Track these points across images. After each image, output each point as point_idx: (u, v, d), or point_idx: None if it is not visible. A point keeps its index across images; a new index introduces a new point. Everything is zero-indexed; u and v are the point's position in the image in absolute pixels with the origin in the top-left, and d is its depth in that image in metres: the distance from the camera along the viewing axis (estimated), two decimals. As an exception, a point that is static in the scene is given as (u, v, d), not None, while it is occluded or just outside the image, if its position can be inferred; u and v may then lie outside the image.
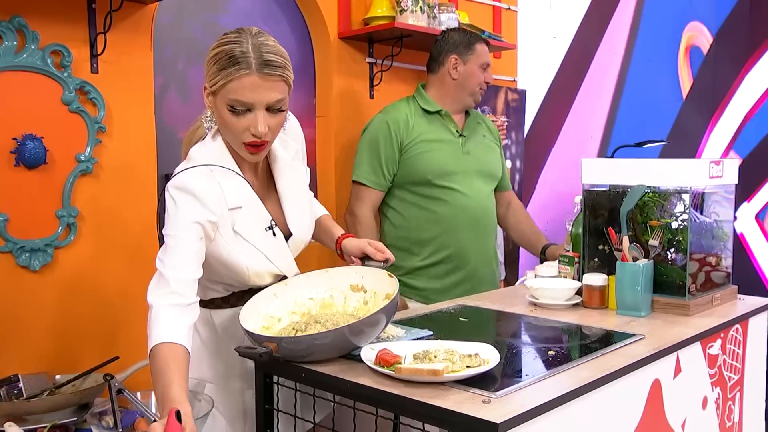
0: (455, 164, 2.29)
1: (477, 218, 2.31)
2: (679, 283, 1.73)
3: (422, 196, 2.28)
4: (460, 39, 2.33)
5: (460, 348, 1.26)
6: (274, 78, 1.31)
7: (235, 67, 1.29)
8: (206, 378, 1.49)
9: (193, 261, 1.28)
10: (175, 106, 2.23)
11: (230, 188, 1.39)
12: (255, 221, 1.42)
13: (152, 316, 1.22)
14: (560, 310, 1.77)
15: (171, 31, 2.20)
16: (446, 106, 2.34)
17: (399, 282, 1.43)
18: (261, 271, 1.43)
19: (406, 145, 2.27)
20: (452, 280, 2.30)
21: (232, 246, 1.38)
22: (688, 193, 1.71)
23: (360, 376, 1.22)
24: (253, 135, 1.34)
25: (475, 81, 2.33)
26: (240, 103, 1.31)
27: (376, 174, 2.28)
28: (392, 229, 2.34)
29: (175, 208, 1.31)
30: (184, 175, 1.35)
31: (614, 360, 1.34)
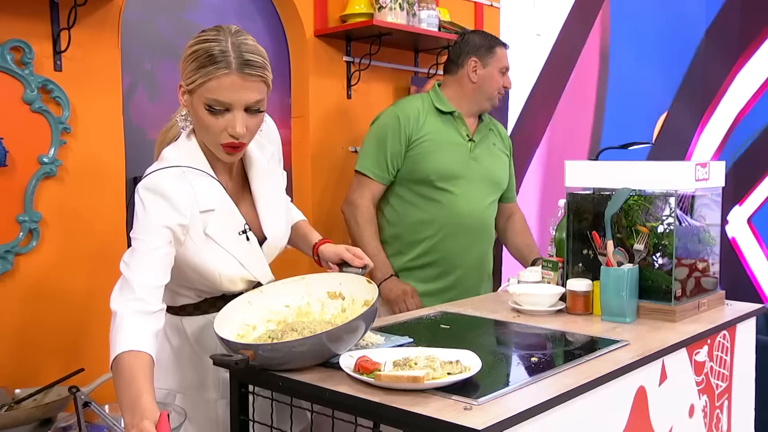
0: (460, 168, 2.34)
1: (472, 226, 2.36)
2: (665, 288, 1.78)
3: (421, 196, 2.33)
4: (481, 41, 2.40)
5: (441, 355, 1.30)
6: (254, 78, 1.34)
7: (215, 65, 1.32)
8: (177, 388, 1.51)
9: (161, 266, 1.30)
10: (143, 106, 2.25)
11: (203, 190, 1.41)
12: (228, 225, 1.44)
13: (116, 324, 1.23)
14: (544, 316, 1.82)
15: (139, 27, 2.22)
16: (461, 108, 2.40)
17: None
18: (233, 276, 1.46)
19: (414, 141, 2.32)
20: (438, 285, 2.35)
21: (203, 250, 1.41)
22: (673, 197, 1.77)
23: (339, 384, 1.25)
24: (231, 135, 1.36)
25: (494, 85, 2.39)
26: (218, 102, 1.34)
27: (380, 166, 2.33)
28: (386, 225, 2.40)
29: (144, 210, 1.33)
30: (154, 176, 1.36)
31: (598, 366, 1.39)
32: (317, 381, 1.27)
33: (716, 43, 5.01)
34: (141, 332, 1.22)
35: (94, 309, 2.02)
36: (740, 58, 4.99)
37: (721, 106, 5.09)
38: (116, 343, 1.21)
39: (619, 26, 4.28)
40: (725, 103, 5.08)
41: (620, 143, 2.30)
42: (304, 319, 1.47)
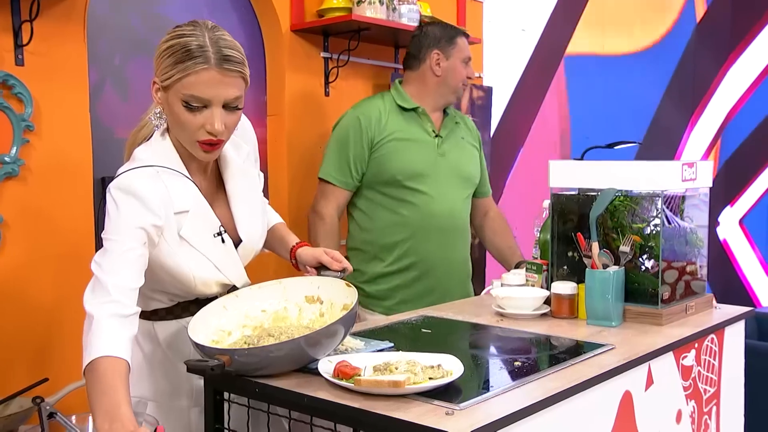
0: (428, 166, 2.36)
1: (445, 226, 2.38)
2: (652, 291, 1.82)
3: (391, 197, 2.35)
4: (441, 33, 2.42)
5: (422, 359, 1.33)
6: (233, 74, 1.36)
7: (193, 60, 1.33)
8: (148, 396, 1.52)
9: (135, 268, 1.31)
10: (111, 104, 2.25)
11: (177, 191, 1.42)
12: (203, 226, 1.46)
13: (92, 327, 1.24)
14: (528, 320, 1.85)
15: (107, 21, 2.22)
16: (426, 103, 2.42)
17: (360, 289, 1.50)
18: (208, 279, 1.48)
19: (377, 142, 2.34)
20: (416, 290, 2.37)
21: (177, 252, 1.42)
22: (660, 197, 1.82)
23: (317, 390, 1.27)
24: (209, 133, 1.38)
25: (458, 77, 2.42)
26: (196, 99, 1.35)
27: (343, 172, 2.35)
28: (358, 231, 2.41)
29: (117, 210, 1.34)
30: (127, 176, 1.38)
31: (583, 371, 1.43)
32: (295, 387, 1.29)
33: (706, 38, 5.06)
34: (118, 337, 1.24)
35: (59, 316, 2.02)
36: (731, 54, 5.05)
37: (711, 104, 5.15)
38: (92, 347, 1.22)
39: (607, 20, 4.33)
40: (716, 101, 5.14)
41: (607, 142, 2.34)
42: (281, 324, 1.49)
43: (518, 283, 2.01)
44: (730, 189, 5.08)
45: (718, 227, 5.11)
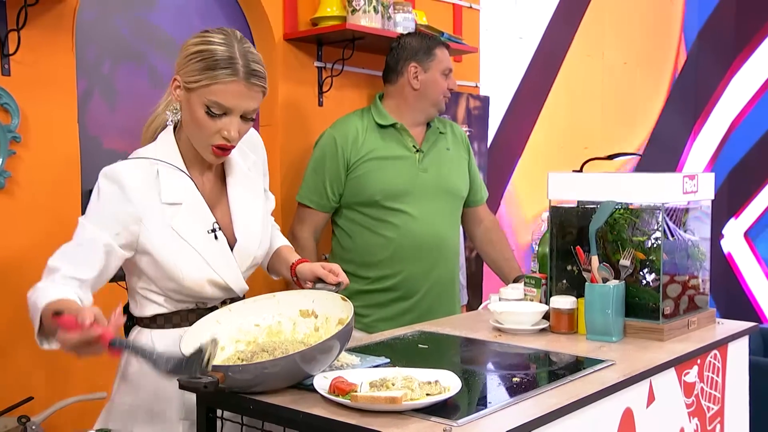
0: (409, 183, 2.37)
1: (429, 245, 2.38)
2: (653, 305, 1.85)
3: (371, 218, 2.36)
4: (419, 44, 2.43)
5: (419, 375, 1.36)
6: (257, 88, 1.49)
7: (225, 71, 1.45)
8: (139, 405, 1.56)
9: (93, 255, 1.43)
10: (100, 114, 2.28)
11: (170, 183, 1.52)
12: (195, 221, 1.54)
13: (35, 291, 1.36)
14: (526, 335, 1.88)
15: (95, 28, 2.26)
16: (406, 119, 2.43)
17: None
18: (198, 277, 1.53)
19: (354, 163, 2.36)
20: (395, 309, 2.38)
21: (165, 244, 1.50)
22: (660, 210, 1.85)
23: (313, 407, 1.30)
24: (224, 138, 1.49)
25: (438, 89, 2.43)
26: (220, 106, 1.47)
27: (319, 194, 2.37)
28: (340, 250, 2.43)
29: (98, 196, 1.47)
30: (116, 164, 1.50)
31: (583, 387, 1.46)
32: (290, 403, 1.32)
33: (710, 44, 5.09)
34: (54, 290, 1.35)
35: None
36: (735, 60, 5.07)
37: (714, 112, 5.18)
38: (40, 300, 1.32)
39: (606, 28, 4.38)
40: (719, 110, 5.18)
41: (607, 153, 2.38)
42: (275, 339, 1.52)
43: (516, 297, 2.04)
44: (734, 200, 5.09)
45: (723, 240, 5.13)
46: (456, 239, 2.52)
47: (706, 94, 5.15)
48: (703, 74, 5.10)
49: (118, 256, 1.47)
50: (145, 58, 2.39)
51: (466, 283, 3.23)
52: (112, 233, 1.45)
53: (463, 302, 3.21)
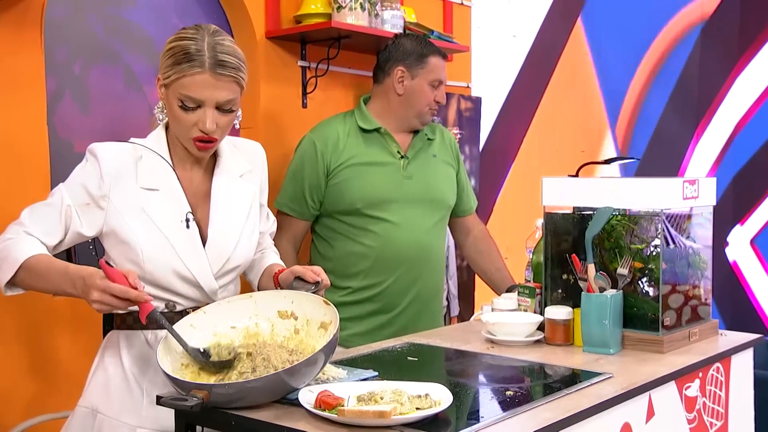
0: (391, 191, 2.38)
1: (411, 256, 2.38)
2: (652, 316, 1.88)
3: (351, 226, 2.37)
4: (412, 48, 2.42)
5: (409, 388, 1.38)
6: (226, 78, 1.58)
7: (189, 63, 1.56)
8: (98, 408, 1.62)
9: (56, 220, 1.57)
10: (71, 116, 2.29)
11: (151, 169, 1.64)
12: (169, 208, 1.63)
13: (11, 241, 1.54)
14: (520, 347, 1.91)
15: (66, 26, 2.27)
16: (388, 124, 2.43)
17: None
18: (161, 262, 1.60)
19: (334, 169, 2.37)
20: (374, 323, 2.38)
21: (132, 224, 1.59)
22: (659, 216, 1.89)
23: (298, 422, 1.32)
24: (201, 131, 1.60)
25: (422, 100, 2.41)
26: (190, 99, 1.58)
27: (298, 202, 2.39)
28: (319, 258, 2.44)
29: (77, 169, 1.63)
30: (103, 143, 1.64)
31: (579, 401, 1.49)
32: (273, 419, 1.34)
33: (713, 44, 5.12)
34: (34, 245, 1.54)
35: (12, 349, 2.04)
36: (740, 60, 5.11)
37: (718, 114, 5.21)
38: (17, 253, 1.51)
39: (604, 26, 4.42)
40: (723, 112, 5.21)
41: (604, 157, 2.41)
42: (253, 342, 1.54)
43: (510, 307, 2.07)
44: (739, 206, 5.10)
45: (727, 248, 5.15)
46: (441, 251, 2.53)
47: (710, 94, 5.18)
48: (706, 74, 5.13)
49: (77, 230, 1.59)
50: (120, 58, 2.41)
51: (457, 293, 3.25)
52: (80, 203, 1.58)
53: (453, 313, 3.23)
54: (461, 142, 3.27)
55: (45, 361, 2.11)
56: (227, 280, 1.70)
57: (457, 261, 3.25)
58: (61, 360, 2.13)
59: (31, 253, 1.51)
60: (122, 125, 2.38)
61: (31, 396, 2.07)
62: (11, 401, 2.03)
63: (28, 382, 2.08)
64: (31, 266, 1.50)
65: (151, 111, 1.74)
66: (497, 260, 2.63)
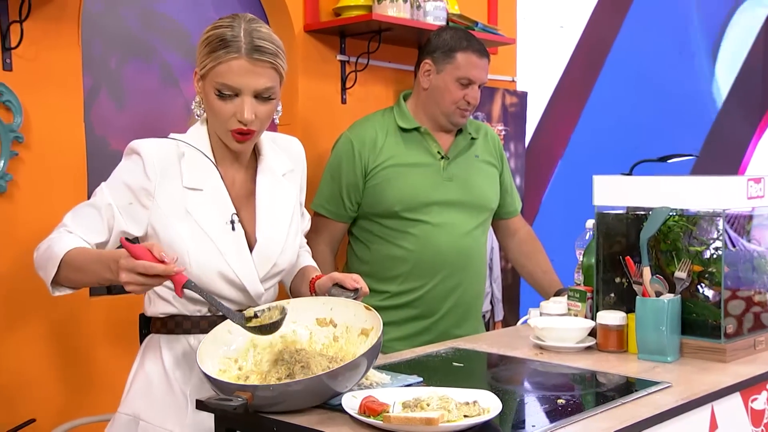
0: (431, 193, 2.37)
1: (452, 260, 2.38)
2: (713, 323, 1.85)
3: (390, 229, 2.38)
4: (444, 41, 2.40)
5: (456, 395, 1.38)
6: (264, 64, 1.58)
7: (225, 50, 1.56)
8: (140, 415, 1.63)
9: (100, 220, 1.59)
10: (107, 112, 2.33)
11: (193, 168, 1.64)
12: (213, 209, 1.63)
13: (51, 242, 1.55)
14: (570, 353, 1.90)
15: (102, 20, 2.31)
16: (423, 121, 2.43)
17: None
18: (207, 265, 1.60)
19: (372, 169, 2.37)
20: (413, 329, 2.39)
21: (176, 225, 1.60)
22: (721, 217, 1.85)
23: (341, 428, 1.33)
24: (239, 122, 1.59)
25: (447, 97, 2.38)
26: (227, 87, 1.57)
27: (335, 203, 2.39)
28: (356, 262, 2.45)
29: (119, 167, 1.64)
30: (144, 140, 1.64)
31: (636, 410, 1.47)
32: (316, 424, 1.35)
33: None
34: (71, 240, 1.55)
35: (49, 348, 2.09)
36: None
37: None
38: (57, 250, 1.51)
39: (658, 13, 4.36)
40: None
41: (659, 155, 2.37)
42: (291, 349, 1.55)
43: (559, 312, 2.06)
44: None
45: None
46: (483, 255, 2.53)
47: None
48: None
49: (122, 229, 1.59)
50: (156, 53, 2.45)
51: (501, 297, 3.24)
52: (124, 202, 1.59)
53: (498, 318, 3.22)
54: (505, 139, 3.25)
55: (81, 364, 2.16)
56: (271, 284, 1.72)
57: (502, 263, 3.24)
58: (98, 362, 2.17)
59: (69, 248, 1.52)
60: (158, 121, 2.42)
61: (67, 399, 2.12)
62: (49, 405, 2.07)
63: (64, 386, 2.12)
64: (71, 260, 1.51)
65: (188, 107, 1.77)
66: (544, 263, 2.62)
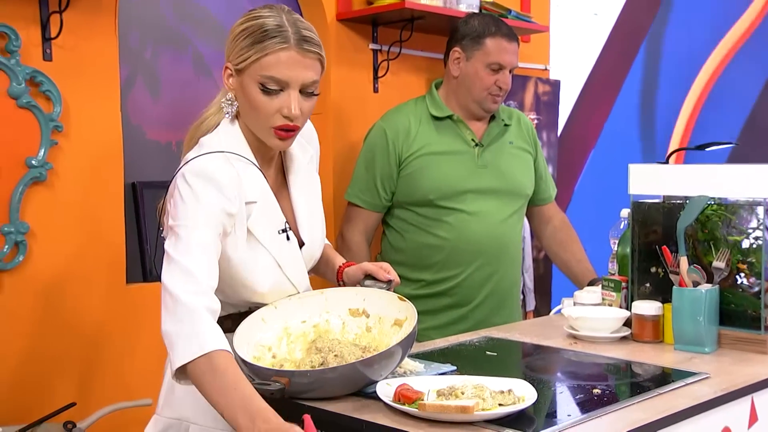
0: (466, 181, 2.36)
1: (488, 248, 2.37)
2: (753, 313, 1.82)
3: (424, 217, 2.37)
4: (473, 28, 2.38)
5: (491, 384, 1.37)
6: (312, 56, 1.48)
7: (273, 40, 1.45)
8: (189, 417, 1.58)
9: (214, 261, 1.40)
10: (142, 102, 2.35)
11: (247, 179, 1.52)
12: (269, 221, 1.55)
13: (193, 318, 1.31)
14: (605, 343, 1.87)
15: (138, 11, 2.33)
16: (455, 109, 2.41)
17: None
18: (272, 282, 1.54)
19: (406, 158, 2.36)
20: (449, 317, 2.38)
21: (243, 245, 1.50)
22: (762, 206, 1.82)
23: (376, 415, 1.33)
24: (285, 117, 1.48)
25: (478, 84, 2.36)
26: (274, 80, 1.46)
27: (370, 193, 2.39)
28: (391, 250, 2.45)
29: (194, 196, 1.42)
30: (200, 161, 1.46)
31: (674, 401, 1.45)
32: (351, 412, 1.35)
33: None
34: (221, 334, 1.33)
35: (89, 333, 2.12)
36: None
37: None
38: (202, 338, 1.29)
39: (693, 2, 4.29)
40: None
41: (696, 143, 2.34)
42: (325, 338, 1.55)
43: (594, 302, 2.03)
44: None
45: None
46: (518, 242, 2.51)
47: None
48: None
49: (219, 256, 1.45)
50: (190, 43, 2.46)
51: (533, 287, 3.22)
52: (216, 233, 1.43)
53: (530, 307, 3.20)
54: (538, 128, 3.22)
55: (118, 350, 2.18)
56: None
57: (533, 253, 3.21)
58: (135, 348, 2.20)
59: (217, 347, 1.29)
60: (192, 111, 2.41)
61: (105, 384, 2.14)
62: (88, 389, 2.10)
63: (102, 371, 2.15)
64: (211, 361, 1.29)
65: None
66: (578, 251, 2.60)
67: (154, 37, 2.37)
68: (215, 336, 1.31)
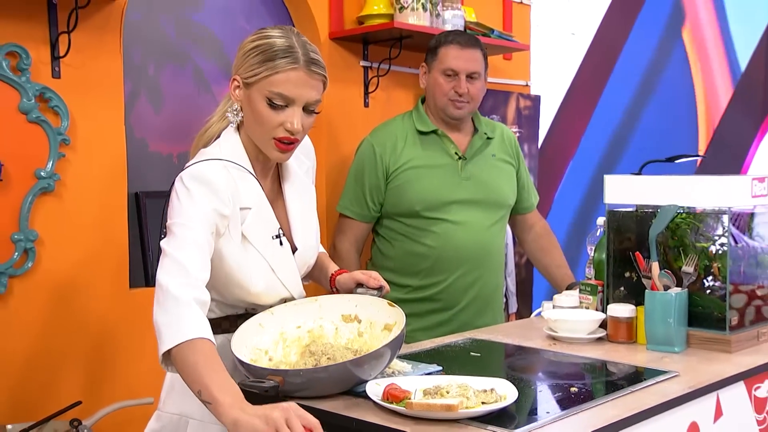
0: (450, 192, 2.37)
1: (471, 256, 2.38)
2: (718, 315, 1.84)
3: (412, 227, 2.38)
4: (432, 43, 2.41)
5: (474, 383, 1.39)
6: (318, 77, 1.54)
7: (284, 60, 1.50)
8: (190, 414, 1.59)
9: (204, 256, 1.42)
10: (145, 116, 2.35)
11: (242, 186, 1.55)
12: (263, 226, 1.58)
13: (179, 307, 1.34)
14: (582, 344, 1.89)
15: (141, 29, 2.33)
16: (436, 122, 2.43)
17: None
18: (265, 285, 1.56)
19: (393, 172, 2.38)
20: (434, 320, 2.39)
21: (237, 249, 1.53)
22: (726, 215, 1.84)
23: (366, 413, 1.34)
24: (287, 131, 1.52)
25: (438, 91, 2.37)
26: (282, 97, 1.51)
27: (359, 204, 2.40)
28: (380, 257, 2.46)
29: (189, 197, 1.46)
30: (198, 166, 1.51)
31: (645, 398, 1.46)
32: (342, 410, 1.36)
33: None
34: (206, 324, 1.35)
35: (93, 336, 2.12)
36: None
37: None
38: (185, 326, 1.32)
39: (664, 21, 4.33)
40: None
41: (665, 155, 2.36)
42: (318, 342, 1.56)
43: (571, 305, 2.05)
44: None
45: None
46: (501, 249, 2.52)
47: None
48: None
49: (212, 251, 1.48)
50: (190, 59, 2.46)
51: (515, 291, 3.23)
52: (209, 231, 1.46)
53: (512, 310, 3.21)
54: (520, 140, 3.22)
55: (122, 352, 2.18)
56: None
57: (516, 258, 3.23)
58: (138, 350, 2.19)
59: (198, 335, 1.32)
60: (192, 124, 2.42)
61: (109, 384, 2.14)
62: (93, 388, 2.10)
63: (107, 371, 2.15)
64: (194, 347, 1.31)
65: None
66: (558, 257, 2.62)
67: (157, 54, 2.38)
68: (199, 325, 1.33)
